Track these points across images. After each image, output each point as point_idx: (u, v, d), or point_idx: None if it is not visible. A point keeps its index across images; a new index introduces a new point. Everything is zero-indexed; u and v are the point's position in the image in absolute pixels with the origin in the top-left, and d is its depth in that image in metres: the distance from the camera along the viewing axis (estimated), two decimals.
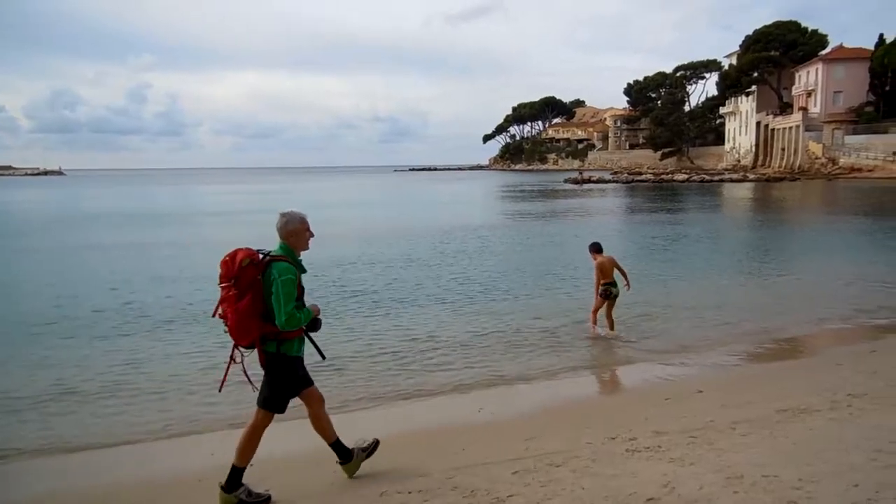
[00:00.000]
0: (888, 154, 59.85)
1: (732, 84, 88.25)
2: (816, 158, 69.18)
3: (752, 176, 71.09)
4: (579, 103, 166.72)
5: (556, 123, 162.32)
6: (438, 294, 12.85)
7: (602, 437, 5.26)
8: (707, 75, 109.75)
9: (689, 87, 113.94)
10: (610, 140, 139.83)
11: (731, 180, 68.69)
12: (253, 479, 4.68)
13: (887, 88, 70.44)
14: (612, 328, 9.41)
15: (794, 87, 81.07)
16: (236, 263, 4.08)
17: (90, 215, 38.27)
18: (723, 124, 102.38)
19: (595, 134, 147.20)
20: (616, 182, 74.42)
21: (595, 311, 9.52)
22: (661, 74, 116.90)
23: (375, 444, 4.85)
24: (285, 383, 4.31)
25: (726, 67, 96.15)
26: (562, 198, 49.98)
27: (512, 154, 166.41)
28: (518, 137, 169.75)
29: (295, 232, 4.27)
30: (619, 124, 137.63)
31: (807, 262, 16.33)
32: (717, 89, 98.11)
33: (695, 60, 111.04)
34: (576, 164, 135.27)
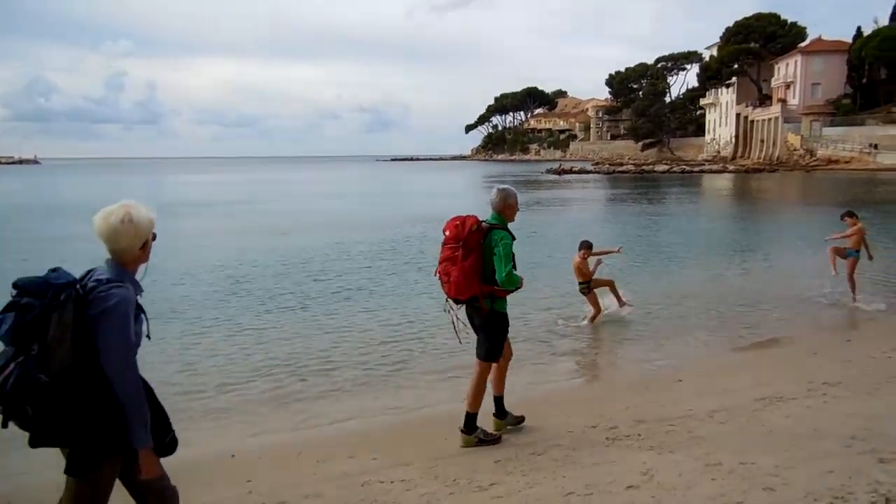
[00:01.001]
0: (864, 146, 60.67)
1: (713, 76, 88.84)
2: (795, 150, 69.96)
3: (731, 167, 71.75)
4: (561, 94, 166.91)
5: (538, 114, 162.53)
6: (422, 285, 12.85)
7: (583, 425, 5.31)
8: (688, 67, 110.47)
9: (669, 78, 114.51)
10: (591, 131, 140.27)
11: (711, 171, 69.30)
12: (237, 473, 4.67)
13: (864, 81, 71.35)
14: (619, 304, 9.84)
15: (773, 79, 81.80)
16: (466, 228, 4.68)
17: (62, 205, 37.73)
18: (703, 115, 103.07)
19: (577, 125, 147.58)
20: (597, 173, 74.74)
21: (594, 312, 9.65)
22: (643, 66, 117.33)
23: (521, 419, 5.40)
24: (501, 335, 4.94)
25: (707, 59, 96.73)
26: (544, 189, 50.12)
27: (494, 144, 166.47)
28: (500, 128, 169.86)
29: (510, 205, 4.90)
30: (600, 115, 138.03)
31: (783, 252, 16.54)
32: (698, 81, 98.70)
33: (676, 52, 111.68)
34: (558, 154, 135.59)
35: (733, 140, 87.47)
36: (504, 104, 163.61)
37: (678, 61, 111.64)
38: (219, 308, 11.09)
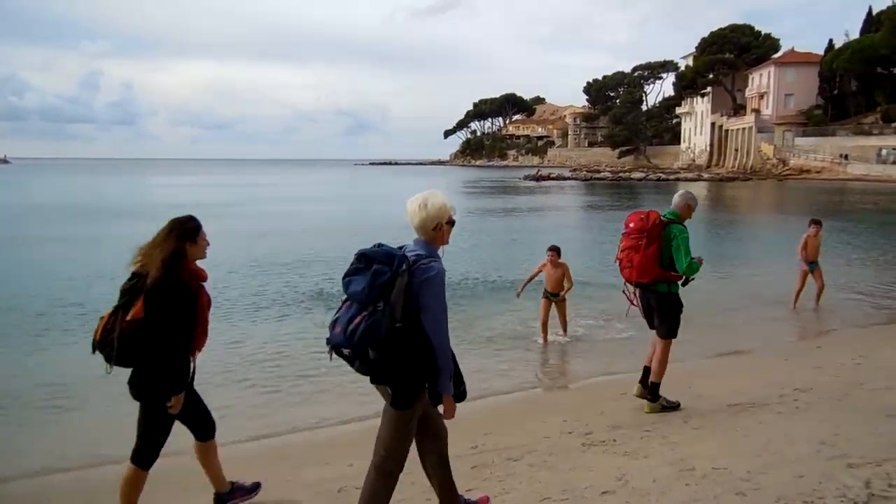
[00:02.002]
0: (835, 156, 61.86)
1: (688, 85, 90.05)
2: (768, 159, 71.12)
3: (706, 175, 72.68)
4: (539, 100, 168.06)
5: (516, 120, 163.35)
6: None
7: (559, 431, 5.33)
8: (664, 76, 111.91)
9: (646, 86, 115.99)
10: (569, 137, 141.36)
11: (687, 179, 70.10)
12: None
13: (835, 92, 72.87)
14: (564, 331, 9.09)
15: (747, 89, 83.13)
16: (650, 221, 5.37)
17: (28, 207, 37.09)
18: (679, 124, 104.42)
19: (555, 131, 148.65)
20: (575, 179, 75.27)
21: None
22: (620, 74, 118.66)
23: (677, 405, 5.76)
24: (678, 314, 5.57)
25: (683, 68, 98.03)
26: (522, 194, 50.35)
27: (472, 150, 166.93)
28: (479, 133, 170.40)
29: (689, 207, 5.59)
30: (578, 122, 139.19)
31: (755, 259, 16.79)
32: (674, 90, 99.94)
33: (652, 61, 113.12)
34: (536, 160, 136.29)
35: (708, 149, 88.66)
36: (483, 110, 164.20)
37: (655, 70, 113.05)
38: None
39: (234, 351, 8.72)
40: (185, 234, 3.56)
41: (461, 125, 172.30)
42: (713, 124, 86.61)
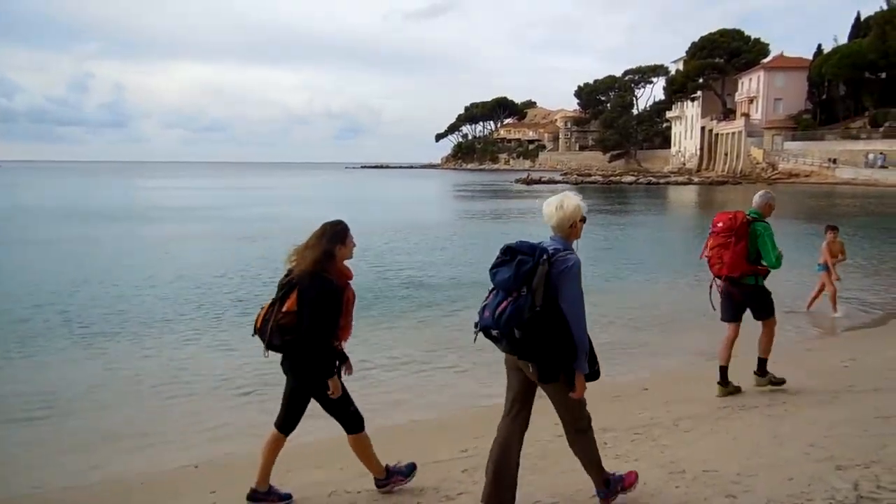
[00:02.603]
0: (824, 160, 62.29)
1: (679, 89, 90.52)
2: (757, 163, 71.52)
3: (696, 179, 73.05)
4: (530, 104, 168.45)
5: (507, 124, 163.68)
6: (387, 296, 12.81)
7: (549, 433, 5.33)
8: (655, 80, 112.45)
9: (637, 90, 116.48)
10: (560, 141, 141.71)
11: (677, 183, 70.44)
12: (201, 484, 4.59)
13: (824, 97, 73.43)
14: None
15: (737, 94, 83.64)
16: (738, 220, 5.87)
17: (15, 209, 36.83)
18: (669, 128, 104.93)
19: (546, 135, 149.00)
20: (566, 183, 75.44)
21: None
22: (611, 78, 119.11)
23: (782, 381, 6.26)
24: (770, 300, 6.06)
25: (673, 73, 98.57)
26: (513, 198, 50.43)
27: (464, 153, 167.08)
28: (470, 137, 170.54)
29: (770, 206, 6.16)
30: (569, 126, 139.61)
31: None
32: (664, 94, 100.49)
33: (643, 65, 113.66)
34: (527, 164, 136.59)
35: (698, 152, 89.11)
36: (474, 113, 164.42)
37: (645, 74, 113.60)
38: (183, 316, 10.92)
39: (223, 355, 8.69)
40: (334, 236, 3.94)
41: (453, 129, 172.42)
42: (703, 128, 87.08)
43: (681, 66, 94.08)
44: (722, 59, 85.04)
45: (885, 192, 45.14)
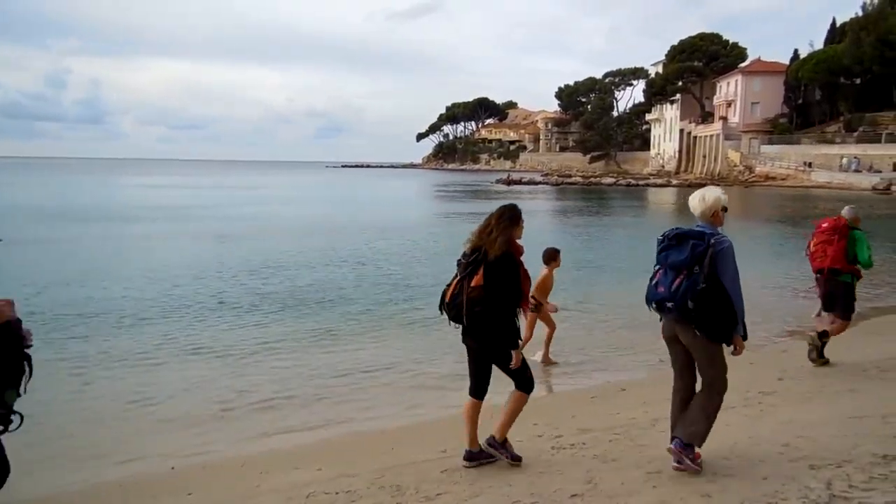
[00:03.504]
0: (799, 164, 63.17)
1: (658, 92, 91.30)
2: (735, 166, 72.34)
3: (675, 181, 73.67)
4: (511, 105, 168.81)
5: (488, 124, 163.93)
6: (368, 298, 12.79)
7: (529, 434, 5.35)
8: (635, 82, 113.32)
9: (617, 93, 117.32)
10: (541, 142, 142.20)
11: (656, 185, 71.01)
12: (178, 486, 4.55)
13: (800, 101, 74.50)
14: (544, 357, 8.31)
15: (715, 97, 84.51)
16: (841, 223, 6.89)
17: None
18: (649, 130, 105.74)
19: (526, 136, 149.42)
20: (546, 184, 75.79)
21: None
22: (592, 80, 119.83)
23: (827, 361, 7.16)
24: (853, 301, 7.03)
25: (653, 75, 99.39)
26: (493, 199, 50.53)
27: (445, 153, 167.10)
28: (451, 137, 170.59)
29: (858, 218, 7.00)
30: (549, 127, 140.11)
31: None
32: (644, 96, 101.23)
33: (623, 67, 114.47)
34: (507, 164, 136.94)
35: (677, 155, 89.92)
36: (455, 113, 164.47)
37: (625, 77, 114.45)
38: (161, 317, 10.81)
39: (199, 357, 8.62)
40: (512, 219, 4.41)
41: (434, 128, 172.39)
42: (682, 131, 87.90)
43: (660, 69, 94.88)
44: (701, 62, 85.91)
45: (860, 195, 45.89)
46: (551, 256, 7.97)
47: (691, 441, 4.17)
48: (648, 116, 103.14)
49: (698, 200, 4.25)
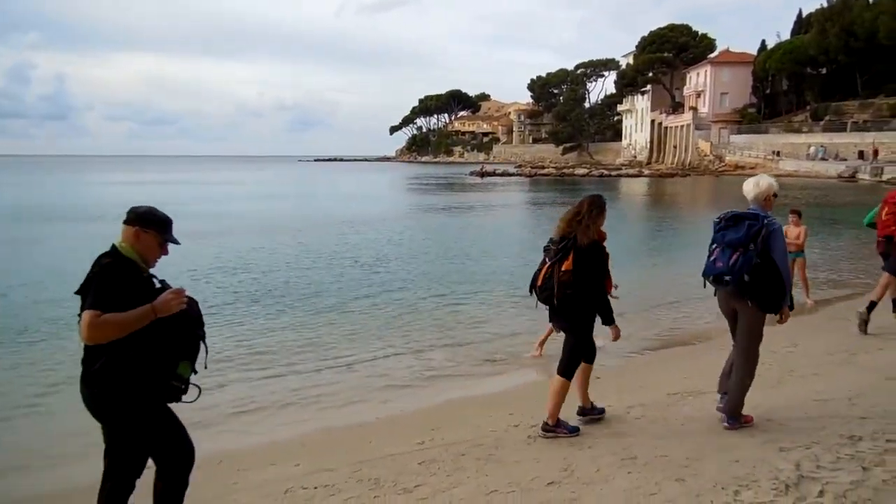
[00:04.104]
0: (768, 153, 64.22)
1: (629, 83, 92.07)
2: (705, 156, 73.29)
3: (647, 171, 74.42)
4: (484, 97, 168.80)
5: (461, 116, 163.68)
6: (341, 293, 12.74)
7: (505, 424, 5.39)
8: (606, 73, 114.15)
9: (589, 84, 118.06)
10: (514, 134, 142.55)
11: (628, 175, 71.64)
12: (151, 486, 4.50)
13: (768, 91, 75.66)
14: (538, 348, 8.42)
15: (685, 88, 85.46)
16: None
17: None
18: (620, 121, 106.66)
19: (500, 128, 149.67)
20: (519, 175, 76.02)
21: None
22: (563, 71, 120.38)
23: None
24: None
25: (624, 67, 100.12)
26: (468, 191, 50.59)
27: (419, 146, 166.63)
28: (425, 129, 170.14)
29: None
30: (522, 119, 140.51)
31: (694, 252, 17.29)
32: (616, 87, 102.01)
33: (595, 59, 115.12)
34: (481, 157, 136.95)
35: (648, 145, 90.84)
36: (428, 106, 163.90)
37: (597, 68, 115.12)
38: None
39: None
40: (599, 209, 4.75)
41: (407, 121, 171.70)
42: (653, 122, 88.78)
43: (631, 61, 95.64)
44: (671, 53, 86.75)
45: (826, 183, 46.76)
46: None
47: (733, 414, 4.75)
48: (620, 107, 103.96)
49: (752, 185, 4.70)
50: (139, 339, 2.95)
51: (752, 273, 4.40)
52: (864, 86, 63.26)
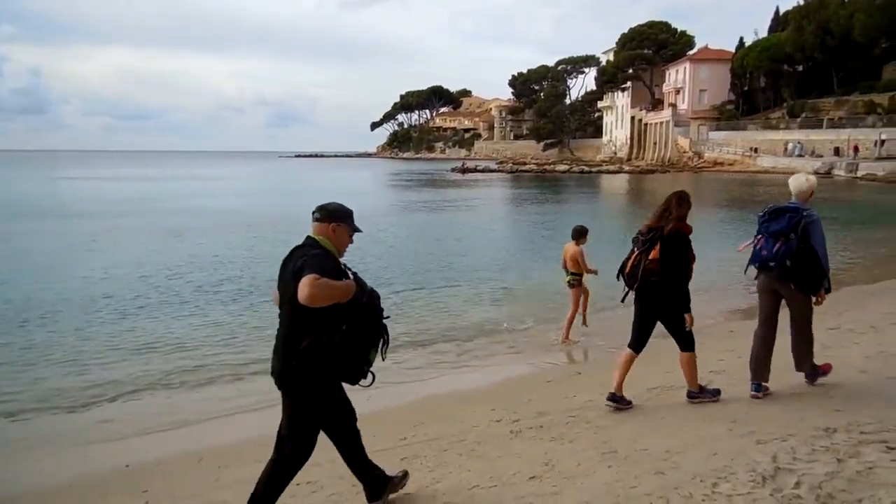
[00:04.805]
0: (746, 150, 64.86)
1: (609, 79, 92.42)
2: (684, 152, 73.84)
3: (627, 168, 74.85)
4: (466, 93, 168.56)
5: (443, 112, 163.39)
6: None
7: (487, 419, 5.42)
8: (586, 70, 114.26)
9: (569, 80, 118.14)
10: (495, 130, 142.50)
11: (609, 171, 71.99)
12: (133, 484, 4.46)
13: (746, 88, 76.38)
14: (583, 322, 8.90)
15: (664, 85, 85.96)
16: None
17: None
18: (601, 118, 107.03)
19: (481, 124, 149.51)
20: (501, 171, 76.14)
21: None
22: (544, 67, 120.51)
23: None
24: None
25: (604, 63, 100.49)
26: (449, 187, 50.56)
27: (400, 142, 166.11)
28: (406, 125, 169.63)
29: None
30: (503, 115, 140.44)
31: None
32: (596, 84, 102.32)
33: (575, 55, 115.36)
34: (462, 153, 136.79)
35: (628, 142, 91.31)
36: (409, 102, 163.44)
37: (577, 64, 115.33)
38: (109, 313, 10.55)
39: (154, 352, 8.45)
40: (686, 203, 5.14)
41: (388, 117, 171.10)
42: (633, 118, 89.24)
43: (611, 57, 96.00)
44: (650, 50, 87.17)
45: None
46: (581, 233, 8.79)
47: (813, 371, 5.45)
48: (600, 104, 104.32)
49: (803, 181, 5.31)
50: (342, 325, 3.33)
51: (793, 259, 4.96)
52: (839, 83, 64.08)
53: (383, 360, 3.58)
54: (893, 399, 4.98)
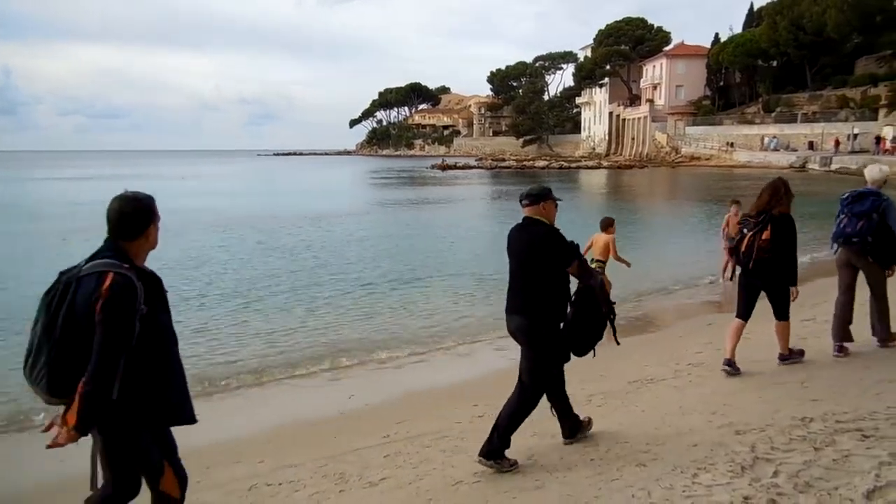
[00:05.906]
0: (722, 144, 65.57)
1: (587, 75, 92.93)
2: (662, 147, 74.51)
3: (605, 163, 75.36)
4: (445, 90, 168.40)
5: (422, 109, 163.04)
6: (303, 285, 12.65)
7: (470, 415, 5.44)
8: (564, 66, 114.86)
9: (548, 77, 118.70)
10: (474, 127, 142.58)
11: (588, 167, 72.45)
12: None
13: (721, 84, 77.17)
14: None
15: (642, 80, 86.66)
16: None
17: None
18: (579, 114, 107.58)
19: (460, 121, 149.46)
20: (480, 168, 76.23)
21: None
22: (523, 64, 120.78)
23: None
24: None
25: (582, 59, 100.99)
26: (429, 185, 50.53)
27: (379, 139, 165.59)
28: (385, 123, 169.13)
29: None
30: (482, 112, 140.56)
31: (649, 242, 17.61)
32: (574, 80, 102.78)
33: (553, 52, 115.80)
34: (442, 150, 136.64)
35: (607, 137, 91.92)
36: (388, 99, 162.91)
37: (555, 61, 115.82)
38: None
39: None
40: (788, 189, 5.67)
41: (367, 115, 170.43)
42: (611, 114, 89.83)
43: (589, 53, 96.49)
44: (627, 46, 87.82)
45: (779, 173, 47.77)
46: (609, 223, 9.28)
47: (886, 335, 6.08)
48: (578, 100, 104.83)
49: (878, 171, 6.08)
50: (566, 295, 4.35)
51: (875, 235, 5.72)
52: (813, 78, 64.96)
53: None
54: (868, 388, 5.07)
